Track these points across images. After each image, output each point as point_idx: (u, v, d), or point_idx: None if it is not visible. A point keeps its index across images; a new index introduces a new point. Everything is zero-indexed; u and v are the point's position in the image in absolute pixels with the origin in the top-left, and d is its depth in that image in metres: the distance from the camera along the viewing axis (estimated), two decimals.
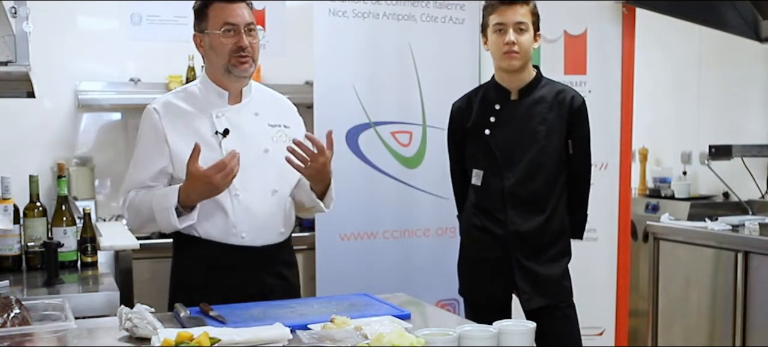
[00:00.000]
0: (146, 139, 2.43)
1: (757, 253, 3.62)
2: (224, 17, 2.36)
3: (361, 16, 3.69)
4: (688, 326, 4.08)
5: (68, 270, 2.93)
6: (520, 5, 2.80)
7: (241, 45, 2.36)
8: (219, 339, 1.76)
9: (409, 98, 3.80)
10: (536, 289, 2.83)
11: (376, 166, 3.73)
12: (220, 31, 2.37)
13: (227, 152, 2.32)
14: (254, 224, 2.40)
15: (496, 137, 2.86)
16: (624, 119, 4.04)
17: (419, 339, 1.77)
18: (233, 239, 2.38)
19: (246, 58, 2.38)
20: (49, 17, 4.03)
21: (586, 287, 3.78)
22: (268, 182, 2.42)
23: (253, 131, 2.44)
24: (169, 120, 2.40)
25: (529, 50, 2.82)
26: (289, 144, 2.37)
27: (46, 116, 4.28)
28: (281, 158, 2.36)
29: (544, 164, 2.83)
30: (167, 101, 2.46)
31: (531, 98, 2.86)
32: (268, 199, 2.42)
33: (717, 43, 4.65)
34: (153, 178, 2.40)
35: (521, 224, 2.83)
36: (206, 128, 2.40)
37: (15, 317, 1.92)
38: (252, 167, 2.37)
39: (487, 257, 2.89)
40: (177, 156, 2.36)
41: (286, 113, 2.59)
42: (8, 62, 2.51)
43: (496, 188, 2.85)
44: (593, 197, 3.14)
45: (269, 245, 2.43)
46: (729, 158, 4.31)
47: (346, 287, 2.76)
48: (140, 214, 2.40)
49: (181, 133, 2.38)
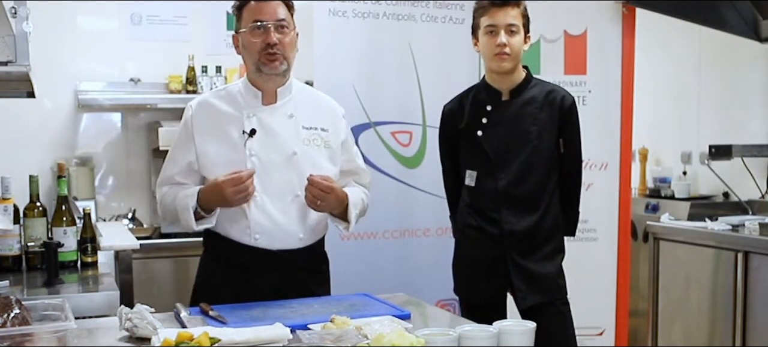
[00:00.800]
0: (179, 135, 2.46)
1: (757, 253, 3.62)
2: (254, 15, 2.35)
3: (361, 16, 3.69)
4: (688, 326, 4.08)
5: (68, 270, 2.93)
6: (511, 7, 2.81)
7: (269, 42, 2.33)
8: (219, 339, 1.76)
9: (409, 98, 3.80)
10: (531, 287, 2.85)
11: (376, 166, 3.72)
12: (250, 28, 2.35)
13: (251, 153, 2.32)
14: (270, 227, 2.37)
15: (488, 137, 2.87)
16: (624, 119, 4.04)
17: (419, 339, 1.77)
18: (247, 239, 2.37)
19: (275, 55, 2.34)
20: (49, 17, 4.04)
21: (586, 287, 3.79)
22: (290, 186, 2.39)
23: (284, 132, 2.41)
24: (201, 118, 2.41)
25: (519, 52, 2.84)
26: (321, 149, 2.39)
27: (46, 116, 4.28)
28: (309, 162, 2.37)
29: (537, 163, 2.85)
30: (204, 99, 2.47)
31: (522, 98, 2.88)
32: (288, 203, 2.39)
33: (717, 43, 4.65)
34: (180, 173, 2.42)
35: (516, 223, 2.84)
36: (237, 128, 2.39)
37: (15, 317, 1.93)
38: (276, 170, 2.36)
39: (483, 256, 2.90)
40: (203, 155, 2.38)
41: (326, 115, 2.52)
42: (8, 62, 2.51)
43: (490, 188, 2.87)
44: (593, 197, 3.14)
45: (286, 250, 2.40)
46: (729, 158, 4.31)
47: (346, 287, 2.75)
48: (168, 212, 2.44)
49: (210, 132, 2.39)
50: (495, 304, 2.90)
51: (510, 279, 2.86)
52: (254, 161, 2.35)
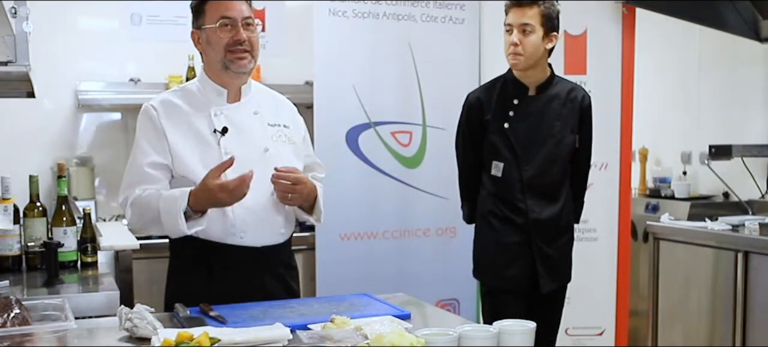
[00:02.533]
0: (146, 135, 2.37)
1: (757, 253, 3.62)
2: (221, 11, 2.32)
3: (361, 16, 3.69)
4: (688, 326, 4.08)
5: (68, 270, 2.94)
6: (527, 7, 2.91)
7: (237, 38, 2.31)
8: (219, 339, 1.76)
9: (409, 98, 3.80)
10: (550, 273, 2.99)
11: (376, 166, 3.73)
12: (217, 24, 2.32)
13: (226, 150, 2.31)
14: (254, 224, 2.36)
15: (515, 130, 2.97)
16: (624, 119, 4.04)
17: (419, 339, 1.77)
18: (233, 239, 2.34)
19: (244, 53, 2.33)
20: (49, 17, 4.03)
21: (586, 287, 3.79)
22: (267, 182, 2.36)
23: (253, 129, 2.41)
24: (168, 118, 2.36)
25: (534, 51, 2.92)
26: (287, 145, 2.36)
27: (46, 116, 4.27)
28: (280, 159, 2.35)
29: (559, 157, 2.99)
30: (165, 99, 2.42)
31: (547, 94, 3.00)
32: (268, 199, 2.38)
33: (717, 43, 4.65)
34: (154, 172, 2.32)
35: (540, 212, 2.97)
36: (205, 126, 2.36)
37: (15, 317, 1.92)
38: (252, 166, 2.31)
39: (511, 242, 3.00)
40: (177, 154, 2.32)
41: (286, 112, 2.55)
42: (8, 62, 2.51)
43: (516, 179, 2.98)
44: (594, 197, 3.16)
45: (270, 246, 2.40)
46: (729, 158, 4.31)
47: (346, 287, 2.75)
48: (145, 214, 2.32)
49: (180, 131, 2.35)
50: (523, 290, 2.99)
51: (535, 265, 2.98)
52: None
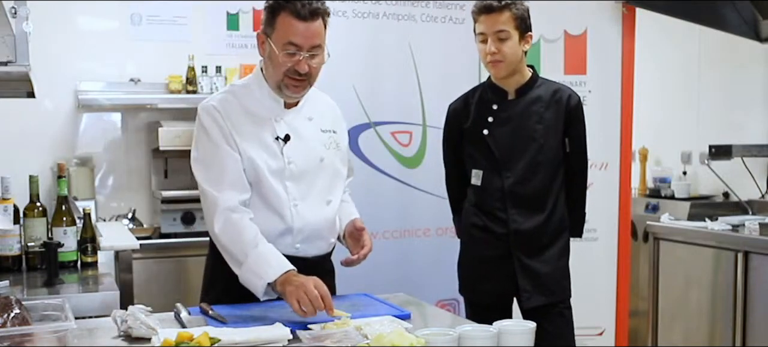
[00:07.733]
0: (218, 134, 2.24)
1: (757, 253, 3.62)
2: (289, 36, 2.19)
3: (361, 16, 3.69)
4: (688, 326, 4.08)
5: (68, 270, 2.93)
6: (498, 13, 2.76)
7: (299, 70, 2.22)
8: (219, 339, 1.77)
9: (409, 98, 3.79)
10: (537, 288, 2.84)
11: (376, 166, 3.72)
12: (282, 47, 2.20)
13: (289, 159, 2.26)
14: (309, 234, 2.32)
15: (494, 136, 2.86)
16: (624, 119, 4.04)
17: (419, 339, 1.77)
18: (288, 249, 2.27)
19: (302, 82, 2.25)
20: (49, 17, 4.04)
21: (586, 287, 3.78)
22: (323, 192, 2.34)
23: (310, 137, 2.34)
24: (232, 121, 2.25)
25: (513, 57, 2.79)
26: (337, 152, 2.37)
27: (46, 116, 4.28)
28: (333, 167, 2.34)
29: (543, 162, 2.84)
30: (224, 98, 2.30)
31: (528, 97, 2.87)
32: (323, 209, 2.34)
33: (717, 43, 4.65)
34: (235, 185, 2.21)
35: (522, 222, 2.83)
36: (266, 131, 2.28)
37: (15, 317, 1.92)
38: (310, 176, 2.30)
39: (489, 256, 2.89)
40: (248, 159, 2.24)
41: (334, 116, 2.48)
42: (8, 62, 2.51)
43: (497, 187, 2.85)
44: (593, 197, 3.14)
45: (318, 255, 2.37)
46: (729, 158, 4.31)
47: (346, 287, 2.75)
48: (231, 246, 2.19)
49: (244, 134, 2.25)
50: (501, 305, 2.88)
51: (515, 279, 2.85)
52: (292, 168, 2.28)
